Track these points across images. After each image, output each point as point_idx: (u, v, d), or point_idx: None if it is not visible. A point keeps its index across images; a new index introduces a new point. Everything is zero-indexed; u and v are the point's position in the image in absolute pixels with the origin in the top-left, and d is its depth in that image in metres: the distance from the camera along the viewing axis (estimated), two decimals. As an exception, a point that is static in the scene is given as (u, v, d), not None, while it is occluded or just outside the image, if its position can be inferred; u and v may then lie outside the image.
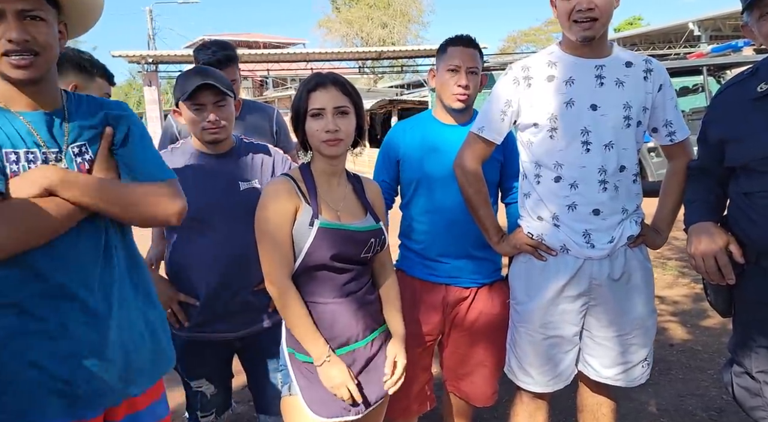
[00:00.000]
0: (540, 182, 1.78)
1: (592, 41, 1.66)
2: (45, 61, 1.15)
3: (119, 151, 1.28)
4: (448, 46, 1.97)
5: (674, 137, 1.82)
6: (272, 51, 18.16)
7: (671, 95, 1.79)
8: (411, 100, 18.18)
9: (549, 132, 1.72)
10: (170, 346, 1.43)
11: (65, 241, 1.17)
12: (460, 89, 1.92)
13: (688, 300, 4.26)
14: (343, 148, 1.50)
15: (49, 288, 1.16)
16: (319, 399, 1.48)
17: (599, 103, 1.69)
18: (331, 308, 1.49)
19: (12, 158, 1.13)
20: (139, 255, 1.39)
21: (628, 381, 1.86)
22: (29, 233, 1.11)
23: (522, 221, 1.87)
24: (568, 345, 1.83)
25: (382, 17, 29.54)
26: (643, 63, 1.75)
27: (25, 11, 1.10)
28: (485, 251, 1.98)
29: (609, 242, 1.73)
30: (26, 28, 1.10)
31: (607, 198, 1.72)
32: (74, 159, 1.22)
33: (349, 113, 1.50)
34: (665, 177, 1.93)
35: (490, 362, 2.04)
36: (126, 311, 1.28)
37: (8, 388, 1.14)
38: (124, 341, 1.26)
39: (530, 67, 1.76)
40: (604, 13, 1.61)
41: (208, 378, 1.90)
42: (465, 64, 1.92)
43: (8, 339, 1.15)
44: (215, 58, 2.30)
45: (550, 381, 1.85)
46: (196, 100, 1.73)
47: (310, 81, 1.51)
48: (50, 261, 1.16)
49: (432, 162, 1.98)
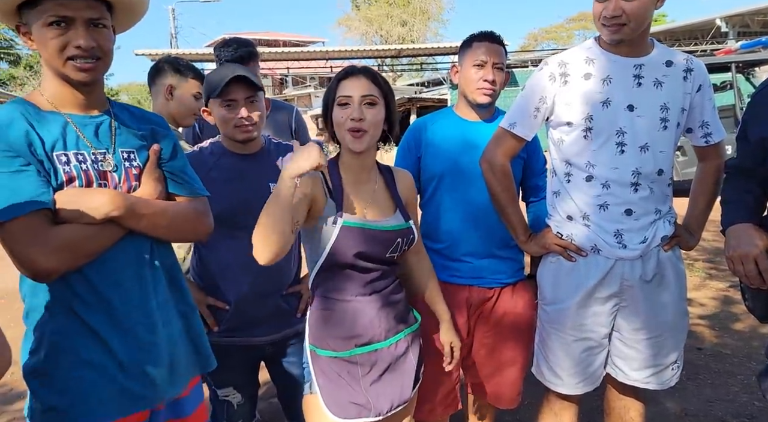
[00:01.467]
0: (570, 181, 1.74)
1: (622, 44, 1.62)
2: (104, 65, 1.22)
3: (167, 164, 1.35)
4: (474, 41, 1.94)
5: (710, 139, 1.77)
6: (292, 49, 18.27)
7: (710, 96, 1.74)
8: (430, 99, 18.10)
9: (583, 132, 1.68)
10: (209, 349, 1.44)
11: (111, 249, 1.21)
12: (486, 84, 1.89)
13: (717, 303, 4.16)
14: (368, 141, 1.45)
15: (97, 292, 1.19)
16: (338, 399, 1.46)
17: (636, 104, 1.65)
18: (353, 306, 1.47)
19: (63, 159, 1.17)
20: (176, 258, 1.41)
21: (658, 384, 1.82)
22: (83, 258, 1.16)
23: (551, 220, 1.83)
24: (599, 348, 1.80)
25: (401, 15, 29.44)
26: (683, 62, 1.70)
27: (92, 20, 1.17)
28: (509, 250, 1.95)
29: (642, 243, 1.69)
30: (93, 36, 1.17)
31: (640, 198, 1.67)
32: (123, 163, 1.26)
33: (377, 103, 1.45)
34: (696, 177, 1.89)
35: (515, 363, 2.01)
36: (168, 313, 1.31)
37: (61, 387, 1.17)
38: (169, 342, 1.29)
39: (567, 64, 1.71)
40: (634, 19, 1.56)
41: (236, 387, 1.85)
42: (491, 59, 1.89)
43: (62, 340, 1.18)
44: (237, 55, 2.29)
45: (579, 383, 1.82)
46: (228, 96, 1.68)
47: (341, 72, 1.49)
48: (98, 267, 1.19)
49: (455, 159, 1.94)
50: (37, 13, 1.14)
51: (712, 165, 1.82)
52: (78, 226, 1.15)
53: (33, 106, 1.20)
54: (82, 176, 1.19)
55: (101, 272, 1.20)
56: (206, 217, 1.38)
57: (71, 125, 1.21)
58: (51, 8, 1.13)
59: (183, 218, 1.32)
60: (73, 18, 1.14)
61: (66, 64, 1.17)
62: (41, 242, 1.09)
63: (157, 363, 1.25)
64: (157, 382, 1.25)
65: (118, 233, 1.21)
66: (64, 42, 1.14)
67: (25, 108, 1.18)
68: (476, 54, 1.91)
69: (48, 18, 1.13)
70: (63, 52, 1.15)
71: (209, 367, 1.44)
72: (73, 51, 1.15)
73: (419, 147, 2.02)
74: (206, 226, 1.38)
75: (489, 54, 1.89)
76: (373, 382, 1.48)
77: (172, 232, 1.31)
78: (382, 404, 1.48)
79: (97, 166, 1.22)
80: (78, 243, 1.14)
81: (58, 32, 1.14)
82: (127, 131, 1.30)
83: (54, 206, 1.14)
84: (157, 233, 1.27)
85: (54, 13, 1.13)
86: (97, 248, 1.17)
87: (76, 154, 1.19)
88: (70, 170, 1.17)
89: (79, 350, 1.18)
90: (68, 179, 1.17)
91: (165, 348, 1.27)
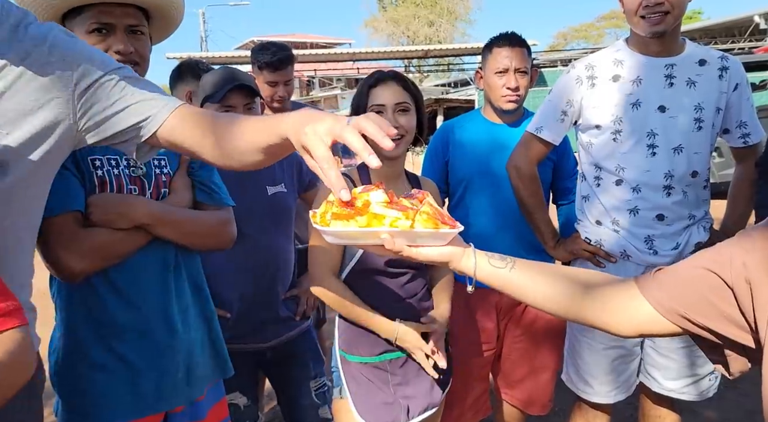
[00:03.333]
0: (600, 185, 1.70)
1: (663, 36, 1.57)
2: (142, 71, 1.25)
3: (196, 173, 1.38)
4: (494, 47, 1.91)
5: (749, 140, 1.70)
6: (319, 51, 18.41)
7: (747, 95, 1.67)
8: (457, 99, 18.00)
9: (612, 134, 1.64)
10: (227, 355, 1.45)
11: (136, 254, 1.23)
12: (509, 91, 1.86)
13: (755, 309, 4.01)
14: (403, 147, 1.46)
15: (119, 294, 1.22)
16: (368, 404, 1.45)
17: (668, 105, 1.60)
18: (387, 313, 1.45)
19: (97, 163, 1.21)
20: (200, 265, 1.43)
21: (695, 395, 1.76)
22: (109, 261, 1.19)
23: (579, 225, 1.79)
24: (631, 356, 1.75)
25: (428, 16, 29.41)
26: (718, 61, 1.64)
27: (131, 26, 1.22)
28: (538, 255, 1.91)
29: (674, 249, 1.64)
30: (132, 42, 1.22)
31: (673, 203, 1.62)
32: (153, 170, 1.29)
33: (410, 109, 1.46)
34: (734, 180, 1.82)
35: (547, 368, 1.98)
36: (189, 319, 1.33)
37: (79, 388, 1.20)
38: (188, 347, 1.31)
39: (595, 66, 1.68)
40: (676, 6, 1.52)
41: (241, 390, 1.83)
42: (513, 63, 1.86)
43: (79, 341, 1.21)
44: (276, 58, 2.33)
45: (611, 392, 1.77)
46: (227, 102, 1.65)
47: (371, 77, 1.48)
48: (121, 270, 1.22)
49: (483, 161, 1.92)
50: (81, 21, 1.20)
51: (750, 167, 1.75)
52: (107, 230, 1.18)
53: None
54: (113, 180, 1.22)
55: (124, 276, 1.22)
56: (231, 226, 1.41)
57: None
58: (94, 16, 1.19)
59: (208, 227, 1.35)
60: (113, 25, 1.20)
61: None
62: (70, 244, 1.12)
63: (174, 366, 1.27)
64: (174, 385, 1.27)
65: (145, 238, 1.23)
66: (105, 48, 1.19)
67: None
68: (497, 60, 1.88)
69: (91, 25, 1.19)
70: None
71: (228, 372, 1.45)
72: (114, 56, 1.18)
73: (447, 150, 2.00)
74: (230, 235, 1.41)
75: (511, 59, 1.86)
76: (403, 387, 1.48)
77: (197, 240, 1.33)
78: (413, 409, 1.47)
79: (128, 171, 1.25)
80: (105, 247, 1.17)
81: (100, 38, 1.19)
82: None
83: (85, 209, 1.17)
84: (182, 240, 1.29)
85: (97, 20, 1.19)
86: (123, 252, 1.20)
87: (109, 159, 1.23)
88: (102, 175, 1.21)
89: (96, 351, 1.21)
90: (100, 183, 1.20)
91: (183, 352, 1.29)
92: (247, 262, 1.70)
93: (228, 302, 1.72)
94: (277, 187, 1.78)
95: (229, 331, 1.72)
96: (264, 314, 1.75)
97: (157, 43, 1.39)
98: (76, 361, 1.21)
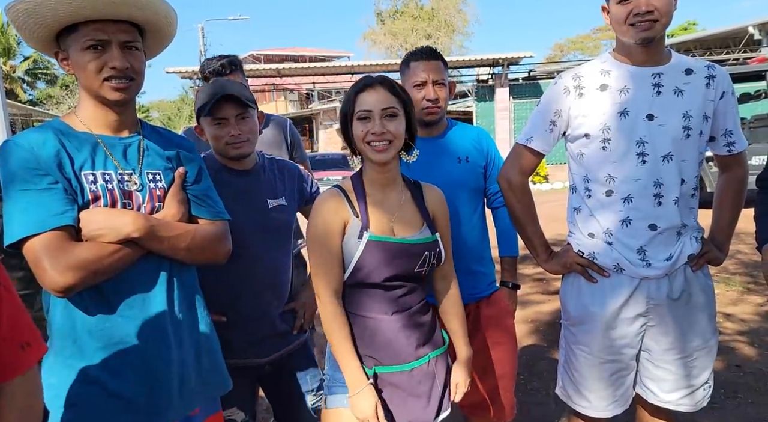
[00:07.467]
0: (591, 196, 1.70)
1: (652, 43, 1.58)
2: (137, 85, 1.29)
3: (191, 187, 1.39)
4: (411, 61, 1.91)
5: (733, 148, 1.72)
6: (318, 64, 18.51)
7: (733, 104, 1.69)
8: (455, 111, 18.08)
9: (601, 143, 1.65)
10: (225, 369, 1.44)
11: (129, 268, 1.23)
12: (429, 103, 1.87)
13: (756, 318, 4.00)
14: (392, 152, 1.42)
15: (111, 308, 1.22)
16: None
17: (656, 113, 1.61)
18: (374, 324, 1.44)
19: (90, 178, 1.22)
20: (196, 280, 1.42)
21: (691, 406, 1.75)
22: (99, 276, 1.18)
23: (571, 237, 1.79)
24: (627, 369, 1.74)
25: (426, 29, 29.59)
26: (705, 69, 1.65)
27: (126, 42, 1.25)
28: (481, 265, 1.93)
29: (666, 260, 1.64)
30: (126, 57, 1.24)
31: (664, 212, 1.62)
32: (148, 184, 1.30)
33: (398, 114, 1.43)
34: (719, 189, 1.83)
35: (502, 374, 1.95)
36: (183, 334, 1.32)
37: (69, 402, 1.19)
38: (181, 361, 1.30)
39: (582, 76, 1.69)
40: (664, 15, 1.54)
41: (240, 406, 1.81)
42: (431, 76, 1.86)
43: (69, 355, 1.21)
44: (219, 65, 2.35)
45: (609, 406, 1.76)
46: (218, 114, 1.65)
47: (358, 82, 1.46)
48: (114, 285, 1.22)
49: (419, 178, 1.90)
50: (76, 38, 1.22)
51: (736, 175, 1.78)
52: (97, 244, 1.18)
53: (67, 126, 1.26)
54: (107, 195, 1.23)
55: (117, 289, 1.22)
56: (225, 240, 1.41)
57: (101, 145, 1.26)
58: (89, 33, 1.21)
59: (203, 241, 1.34)
60: (108, 41, 1.22)
61: (102, 85, 1.23)
62: (58, 259, 1.13)
63: (167, 380, 1.26)
64: (167, 399, 1.26)
65: (137, 253, 1.23)
66: (101, 64, 1.22)
67: (59, 128, 1.25)
68: (416, 74, 1.88)
69: (86, 42, 1.21)
70: (100, 74, 1.22)
71: (226, 387, 1.44)
72: (109, 72, 1.22)
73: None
74: (224, 249, 1.41)
75: (428, 72, 1.87)
76: (393, 405, 1.45)
77: (192, 254, 1.33)
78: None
79: (122, 186, 1.25)
80: (94, 262, 1.16)
81: (95, 55, 1.22)
82: (155, 153, 1.35)
83: (77, 224, 1.17)
84: (176, 255, 1.29)
85: (92, 37, 1.21)
86: (114, 267, 1.19)
87: (103, 173, 1.24)
88: (96, 189, 1.21)
89: (87, 365, 1.20)
90: (94, 198, 1.21)
91: (176, 367, 1.28)
92: (247, 276, 1.69)
93: (226, 316, 1.70)
94: (277, 200, 1.77)
95: (227, 346, 1.71)
96: (262, 330, 1.74)
97: (151, 58, 1.42)
98: (62, 375, 1.20)
